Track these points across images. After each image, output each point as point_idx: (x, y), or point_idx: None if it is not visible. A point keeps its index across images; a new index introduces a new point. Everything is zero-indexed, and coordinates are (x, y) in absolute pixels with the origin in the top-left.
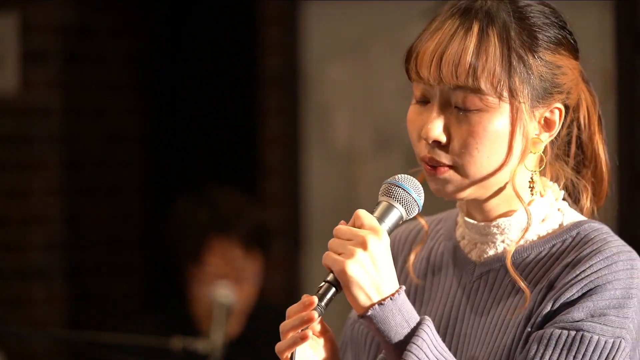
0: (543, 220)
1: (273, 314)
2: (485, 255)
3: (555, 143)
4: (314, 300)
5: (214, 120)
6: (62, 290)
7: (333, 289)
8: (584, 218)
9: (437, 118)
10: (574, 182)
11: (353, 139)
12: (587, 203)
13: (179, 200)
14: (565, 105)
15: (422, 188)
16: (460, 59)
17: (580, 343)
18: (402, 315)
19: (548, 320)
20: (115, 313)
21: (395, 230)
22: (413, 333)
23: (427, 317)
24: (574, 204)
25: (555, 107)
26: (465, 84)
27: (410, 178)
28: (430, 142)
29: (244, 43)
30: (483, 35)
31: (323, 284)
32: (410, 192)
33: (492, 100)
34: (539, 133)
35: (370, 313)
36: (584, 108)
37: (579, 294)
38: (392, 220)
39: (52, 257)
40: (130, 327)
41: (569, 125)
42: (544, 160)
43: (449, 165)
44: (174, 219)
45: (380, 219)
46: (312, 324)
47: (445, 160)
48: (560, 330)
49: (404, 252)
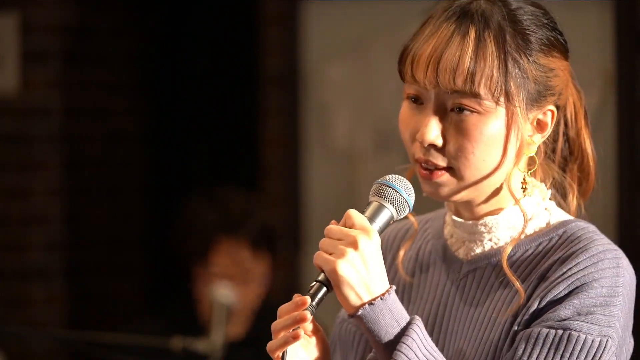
0: (530, 219)
1: None
2: (473, 253)
3: (546, 142)
4: (307, 300)
5: (214, 120)
6: (62, 290)
7: (324, 289)
8: (571, 217)
9: (432, 121)
10: (561, 180)
11: (353, 139)
12: (573, 201)
13: (187, 200)
14: (557, 106)
15: (412, 188)
16: (458, 64)
17: (568, 342)
18: (392, 315)
19: (535, 318)
20: (115, 313)
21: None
22: (403, 333)
23: (417, 316)
24: (562, 201)
25: (548, 109)
26: (463, 89)
27: (401, 178)
28: (426, 145)
29: (244, 43)
30: (480, 40)
31: (314, 284)
32: (401, 192)
33: (488, 105)
34: (532, 134)
35: (361, 313)
36: (571, 104)
37: (566, 292)
38: (382, 220)
39: (52, 257)
40: (136, 327)
41: (557, 122)
42: (536, 161)
43: (445, 168)
44: (182, 218)
45: (371, 219)
46: (304, 323)
47: (442, 163)
48: (548, 330)
49: (393, 250)
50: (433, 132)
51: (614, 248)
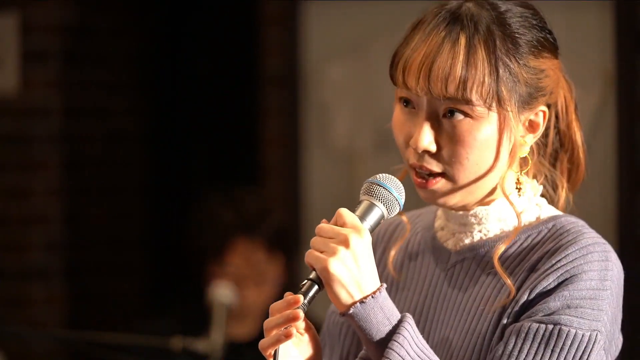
0: (520, 214)
1: None
2: (461, 244)
3: (540, 142)
4: (300, 299)
5: (214, 120)
6: (62, 290)
7: (316, 287)
8: (561, 213)
9: (425, 128)
10: (552, 176)
11: (353, 139)
12: (562, 193)
13: (204, 199)
14: (548, 105)
15: (403, 187)
16: (450, 72)
17: (558, 337)
18: (383, 313)
19: (525, 310)
20: (115, 313)
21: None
22: (394, 331)
23: (407, 314)
24: (554, 194)
25: (540, 109)
26: (455, 96)
27: (392, 177)
28: (420, 151)
29: (244, 43)
30: (471, 47)
31: (306, 282)
32: (392, 191)
33: (480, 110)
34: (524, 135)
35: (352, 311)
36: (562, 97)
37: (555, 284)
38: (373, 219)
39: (52, 257)
40: (148, 327)
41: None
42: (529, 161)
43: (440, 173)
44: (199, 217)
45: (362, 218)
46: (296, 322)
47: (437, 168)
48: (538, 324)
49: (384, 242)
50: (426, 138)
51: (603, 242)
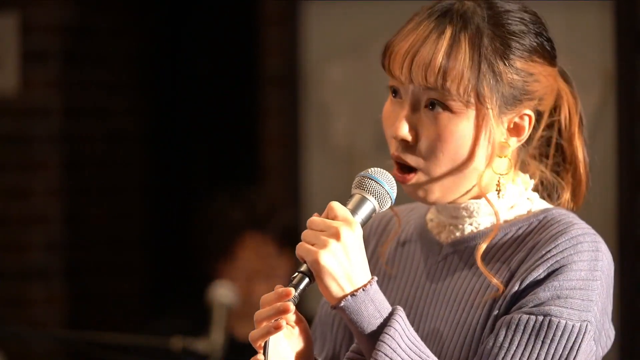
0: (512, 207)
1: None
2: (453, 237)
3: (527, 147)
4: (290, 292)
5: (214, 120)
6: (62, 290)
7: (306, 279)
8: (552, 206)
9: (405, 117)
10: (552, 182)
11: (353, 139)
12: (566, 196)
13: (207, 199)
14: (538, 111)
15: (394, 181)
16: (431, 61)
17: (548, 328)
18: (374, 306)
19: (515, 301)
20: (115, 313)
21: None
22: (386, 323)
23: (399, 307)
24: (548, 198)
25: (525, 113)
26: (434, 86)
27: (383, 171)
28: (398, 140)
29: (244, 43)
30: (455, 40)
31: (296, 275)
32: (383, 184)
33: (459, 104)
34: (507, 138)
35: (343, 304)
36: (565, 110)
37: (545, 274)
38: (365, 213)
39: (52, 257)
40: (157, 327)
41: (548, 127)
42: (512, 165)
43: (415, 168)
44: (206, 216)
45: (354, 211)
46: (286, 314)
47: (412, 162)
48: (528, 316)
49: (376, 237)
50: (404, 127)
51: (593, 232)
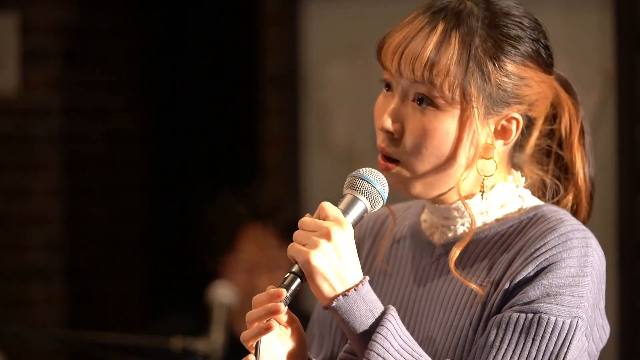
0: (502, 206)
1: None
2: (445, 238)
3: (521, 152)
4: (282, 292)
5: (214, 120)
6: (62, 290)
7: (298, 280)
8: (544, 203)
9: (393, 109)
10: (552, 186)
11: (353, 139)
12: (568, 202)
13: (211, 198)
14: (529, 117)
15: (386, 181)
16: (419, 55)
17: (538, 325)
18: (366, 306)
19: (506, 300)
20: (115, 313)
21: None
22: (378, 323)
23: (391, 306)
24: (543, 198)
25: (513, 116)
26: (421, 79)
27: (375, 171)
28: (383, 131)
29: (244, 43)
30: (445, 36)
31: (288, 275)
32: (375, 184)
33: (444, 100)
34: (493, 140)
35: (335, 304)
36: (566, 119)
37: (534, 272)
38: (356, 213)
39: (52, 257)
40: (157, 328)
41: (548, 136)
42: (497, 166)
43: (397, 161)
44: (211, 211)
45: (345, 211)
46: (278, 315)
47: (395, 156)
48: (518, 314)
49: (370, 238)
50: (389, 119)
51: (583, 228)
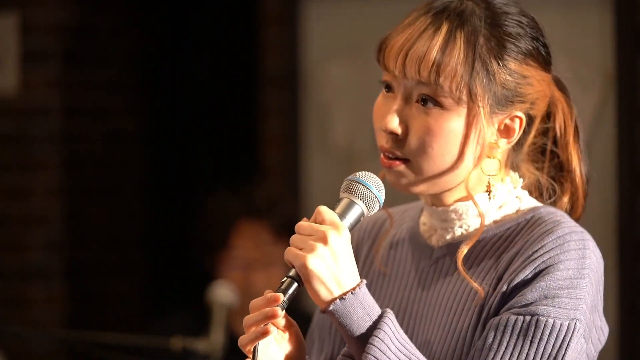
0: (500, 207)
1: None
2: (443, 240)
3: (518, 151)
4: (279, 297)
5: (214, 120)
6: (62, 290)
7: (295, 284)
8: (542, 204)
9: (396, 110)
10: (548, 186)
11: (353, 139)
12: (565, 201)
13: (206, 198)
14: (529, 115)
15: (383, 185)
16: (425, 56)
17: (536, 327)
18: (363, 309)
19: (504, 303)
20: (115, 313)
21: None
22: (375, 326)
23: (388, 309)
24: (539, 198)
25: (516, 115)
26: (427, 81)
27: (371, 175)
28: (387, 133)
29: (244, 43)
30: (450, 36)
31: (285, 280)
32: (371, 188)
33: (451, 100)
34: (497, 139)
35: (332, 308)
36: (560, 118)
37: (532, 274)
38: (353, 216)
39: (52, 257)
40: (157, 328)
41: (543, 134)
42: (501, 166)
43: (403, 160)
44: (205, 210)
45: (342, 215)
46: (275, 319)
47: (400, 155)
48: (516, 316)
49: (369, 241)
50: (395, 120)
51: (580, 230)
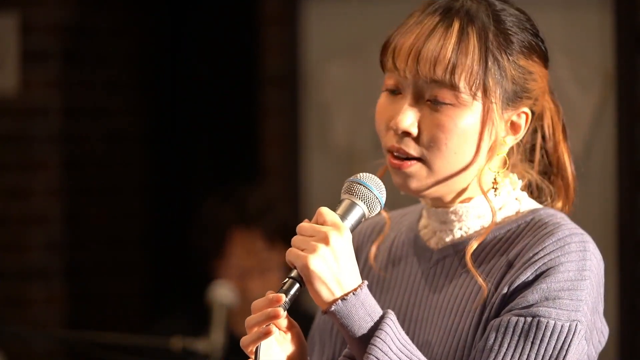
0: (500, 209)
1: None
2: (443, 242)
3: (520, 147)
4: (281, 298)
5: (214, 120)
6: (62, 290)
7: (297, 285)
8: (541, 206)
9: (408, 109)
10: (540, 185)
11: (353, 139)
12: (558, 200)
13: (204, 199)
14: (532, 112)
15: (384, 186)
16: (440, 54)
17: (537, 329)
18: (365, 310)
19: (505, 304)
20: (115, 313)
21: (360, 224)
22: (376, 327)
23: (390, 310)
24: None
25: (523, 111)
26: (443, 79)
27: (372, 176)
28: (400, 132)
29: (244, 43)
30: (463, 33)
31: (287, 280)
32: (372, 189)
33: (465, 98)
34: (505, 136)
35: (334, 308)
36: (548, 117)
37: (533, 276)
38: (354, 218)
39: (52, 257)
40: (157, 328)
41: (533, 133)
42: (507, 162)
43: (417, 158)
44: (198, 218)
45: (343, 216)
46: (277, 320)
47: (414, 152)
48: (517, 318)
49: (368, 245)
50: (408, 119)
51: (581, 232)
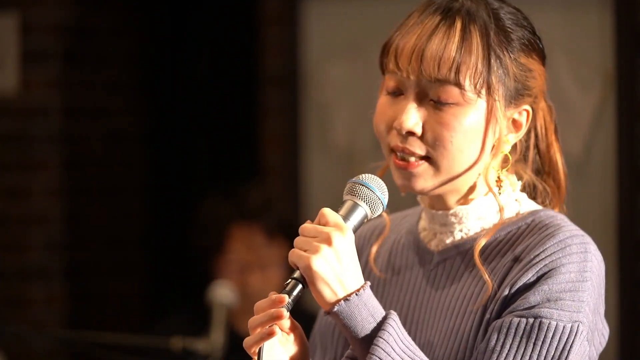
0: (500, 210)
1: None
2: (443, 244)
3: (517, 146)
4: (284, 298)
5: (214, 120)
6: (62, 290)
7: (300, 286)
8: (541, 207)
9: (412, 109)
10: (535, 184)
11: (353, 139)
12: (551, 199)
13: (204, 199)
14: (532, 109)
15: (386, 187)
16: (444, 54)
17: (539, 330)
18: (368, 310)
19: (506, 306)
20: (115, 313)
21: (361, 227)
22: (379, 327)
23: (392, 311)
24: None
25: (524, 109)
26: (447, 78)
27: (375, 177)
28: (404, 132)
29: (244, 43)
30: (466, 32)
31: (290, 281)
32: (375, 190)
33: (470, 96)
34: (507, 133)
35: (337, 309)
36: (541, 117)
37: (535, 278)
38: (357, 219)
39: (52, 257)
40: (157, 328)
41: (527, 132)
42: (509, 160)
43: (423, 157)
44: (198, 215)
45: (345, 217)
46: (280, 321)
47: (420, 151)
48: (519, 319)
49: (369, 247)
50: (412, 118)
51: (582, 234)
